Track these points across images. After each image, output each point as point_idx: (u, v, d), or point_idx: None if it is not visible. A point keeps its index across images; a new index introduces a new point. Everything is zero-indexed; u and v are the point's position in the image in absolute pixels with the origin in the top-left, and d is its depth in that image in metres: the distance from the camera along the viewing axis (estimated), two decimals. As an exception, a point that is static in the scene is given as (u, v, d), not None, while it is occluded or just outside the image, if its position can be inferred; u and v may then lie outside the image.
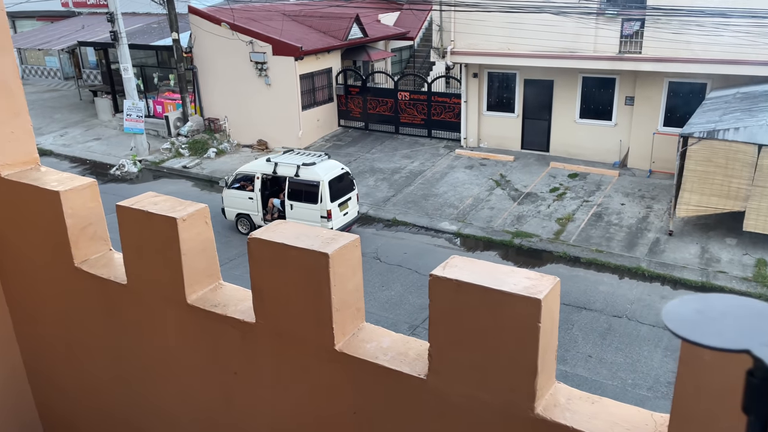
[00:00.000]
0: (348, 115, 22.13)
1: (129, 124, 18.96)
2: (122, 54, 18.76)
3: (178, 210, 2.08)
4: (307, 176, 13.56)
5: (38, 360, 2.81)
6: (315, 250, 1.75)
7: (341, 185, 14.02)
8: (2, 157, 2.47)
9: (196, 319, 2.11)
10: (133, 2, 23.91)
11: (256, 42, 19.66)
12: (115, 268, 2.37)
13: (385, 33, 23.85)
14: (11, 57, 2.46)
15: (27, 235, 2.52)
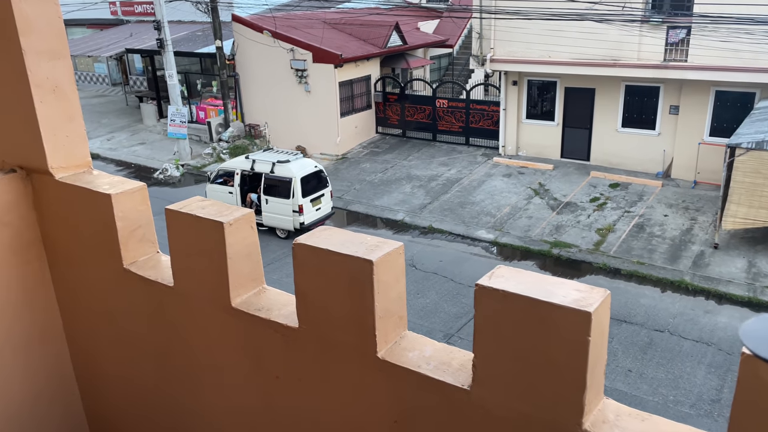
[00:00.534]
0: (386, 122, 22.22)
1: (172, 130, 19.44)
2: (167, 61, 19.26)
3: (224, 215, 2.12)
4: (281, 173, 14.33)
5: (86, 360, 2.88)
6: (359, 257, 1.76)
7: (315, 182, 14.76)
8: (57, 161, 2.55)
9: (240, 322, 2.14)
10: (179, 10, 24.54)
11: (297, 49, 19.94)
12: (163, 270, 2.43)
13: (425, 41, 23.89)
14: (68, 63, 2.55)
15: (78, 237, 2.60)
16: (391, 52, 22.02)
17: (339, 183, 18.66)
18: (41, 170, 2.57)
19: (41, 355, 2.83)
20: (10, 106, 2.53)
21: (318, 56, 19.76)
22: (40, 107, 2.45)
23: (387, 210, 16.91)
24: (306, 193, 14.42)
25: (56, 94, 2.50)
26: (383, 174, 19.23)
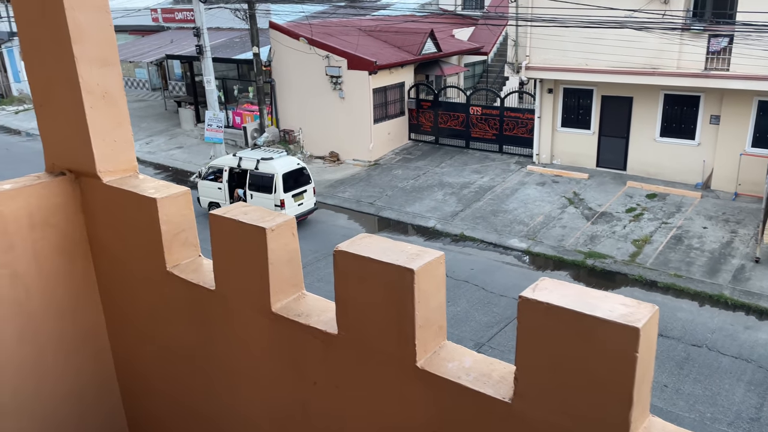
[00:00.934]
0: (419, 129, 22.22)
1: (209, 134, 19.78)
2: (206, 67, 19.64)
3: (267, 220, 2.15)
4: (265, 169, 15.06)
5: (127, 360, 2.95)
6: (400, 266, 1.76)
7: (297, 179, 15.46)
8: (104, 165, 2.63)
9: (279, 327, 2.16)
10: (218, 18, 25.01)
11: (332, 56, 20.11)
12: (204, 273, 2.47)
13: (459, 48, 23.84)
14: (117, 70, 2.62)
15: (123, 239, 2.67)
16: (426, 60, 22.03)
17: (371, 189, 18.71)
18: (89, 174, 2.64)
19: (84, 355, 2.91)
20: (62, 112, 2.61)
21: (353, 63, 19.89)
22: (91, 113, 2.53)
23: (418, 217, 16.89)
24: (288, 189, 15.08)
25: (106, 100, 2.57)
26: (415, 181, 19.22)
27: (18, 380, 2.65)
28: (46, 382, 2.76)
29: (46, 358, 2.74)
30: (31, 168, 13.79)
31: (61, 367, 2.81)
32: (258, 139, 21.60)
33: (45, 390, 2.75)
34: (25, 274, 2.61)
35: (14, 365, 2.63)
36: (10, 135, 27.42)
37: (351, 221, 17.02)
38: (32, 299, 2.66)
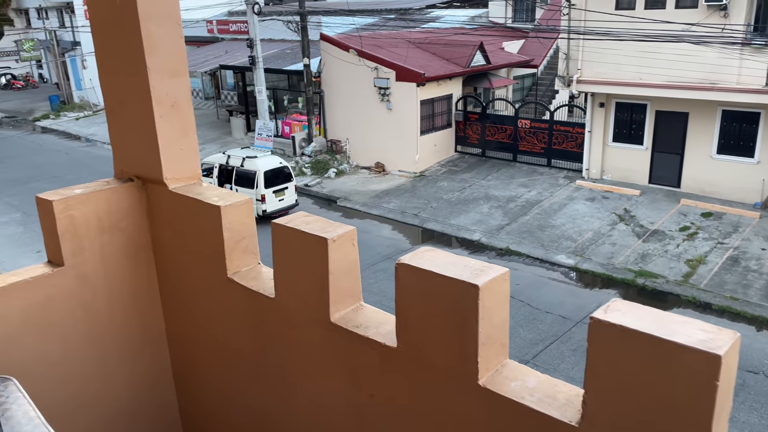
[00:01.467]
0: (465, 141, 22.11)
1: (259, 143, 20.17)
2: (258, 77, 20.06)
3: (328, 231, 2.16)
4: (249, 167, 16.35)
5: (184, 362, 3.01)
6: (465, 281, 1.74)
7: (279, 177, 16.63)
8: (171, 172, 2.70)
9: (338, 337, 2.17)
10: (271, 29, 25.55)
11: (381, 68, 20.25)
12: (264, 281, 2.50)
13: (509, 61, 23.67)
14: (186, 80, 2.70)
15: (186, 245, 2.73)
16: (474, 72, 21.95)
17: (416, 200, 18.69)
18: (156, 180, 2.72)
19: (144, 355, 2.99)
20: (133, 120, 2.71)
21: (401, 75, 19.98)
22: (160, 122, 2.61)
23: (463, 229, 16.76)
24: (269, 185, 16.24)
25: (174, 109, 2.65)
26: (461, 193, 19.11)
27: (85, 378, 2.73)
28: (110, 380, 2.84)
29: (110, 357, 2.82)
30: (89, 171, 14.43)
31: (121, 367, 2.89)
32: (305, 149, 21.91)
33: (109, 387, 2.83)
34: (93, 276, 2.71)
35: (81, 364, 2.72)
36: (71, 140, 28.60)
37: (395, 232, 17.02)
38: (98, 300, 2.75)
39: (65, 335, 2.66)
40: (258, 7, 19.53)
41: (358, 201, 19.01)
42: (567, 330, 11.87)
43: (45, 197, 2.57)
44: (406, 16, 27.64)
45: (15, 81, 41.65)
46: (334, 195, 19.53)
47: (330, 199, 19.37)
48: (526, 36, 25.71)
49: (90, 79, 32.98)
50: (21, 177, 22.08)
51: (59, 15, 37.77)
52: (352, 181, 20.73)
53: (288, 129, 23.32)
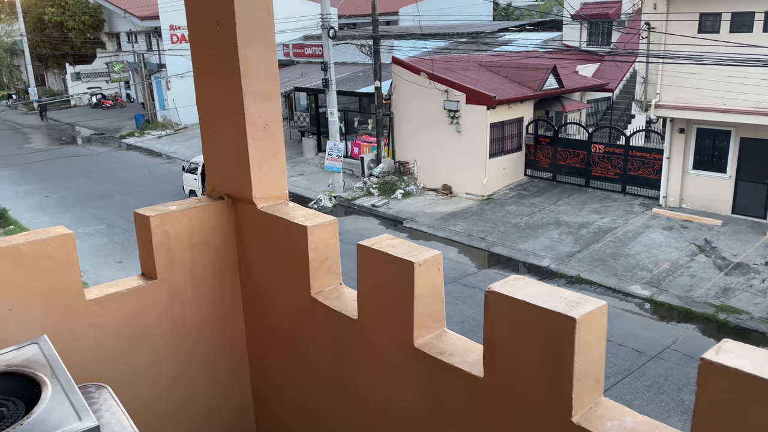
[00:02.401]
0: (535, 165, 21.74)
1: (329, 163, 20.57)
2: (330, 99, 20.53)
3: (414, 254, 2.16)
4: None
5: (264, 380, 3.06)
6: (560, 313, 1.69)
7: None
8: (260, 191, 2.78)
9: (421, 363, 2.15)
10: (344, 53, 26.15)
11: (451, 91, 20.30)
12: (346, 302, 2.52)
13: (582, 84, 23.21)
14: (277, 103, 2.79)
15: (271, 263, 2.79)
16: (546, 95, 21.63)
17: (483, 224, 18.47)
18: (246, 199, 2.81)
19: (225, 368, 3.06)
20: (226, 141, 2.81)
21: (471, 97, 19.94)
22: (252, 143, 2.70)
23: (531, 255, 16.40)
24: None
25: (266, 131, 2.74)
26: (529, 218, 18.74)
27: (170, 387, 2.83)
28: (192, 391, 2.92)
29: (194, 369, 2.91)
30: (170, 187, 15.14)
31: (205, 378, 2.97)
32: (374, 170, 22.15)
33: (191, 397, 2.92)
34: (182, 290, 2.81)
35: (167, 373, 2.81)
36: (153, 157, 30.12)
37: (461, 255, 16.86)
38: (185, 314, 2.84)
39: (154, 345, 2.77)
40: (333, 32, 20.06)
41: (424, 223, 18.98)
42: (641, 365, 11.34)
43: (142, 213, 2.70)
44: (477, 40, 27.65)
45: (105, 100, 44.41)
46: (400, 216, 19.59)
47: (396, 220, 19.44)
48: (602, 59, 25.15)
49: (173, 99, 34.74)
50: (106, 191, 23.39)
51: (147, 39, 40.13)
52: (418, 202, 20.76)
53: (357, 150, 23.67)
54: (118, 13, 41.30)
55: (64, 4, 45.20)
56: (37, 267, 2.33)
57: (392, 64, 21.80)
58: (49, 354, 2.01)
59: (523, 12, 44.90)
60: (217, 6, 2.59)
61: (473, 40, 27.67)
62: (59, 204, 21.91)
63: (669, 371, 11.11)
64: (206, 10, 2.68)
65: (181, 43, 34.20)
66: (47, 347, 2.03)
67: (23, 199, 22.57)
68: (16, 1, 44.41)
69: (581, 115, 23.74)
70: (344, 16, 37.17)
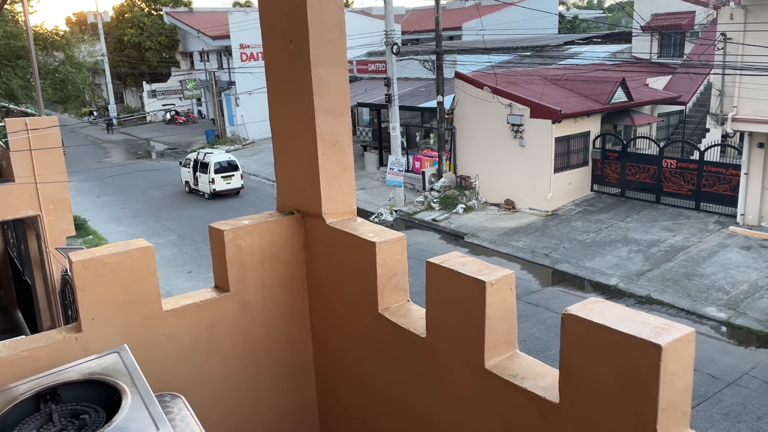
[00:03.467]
0: (602, 180, 21.10)
1: (390, 177, 20.67)
2: (392, 114, 20.68)
3: (485, 273, 2.11)
4: (206, 159, 24.12)
5: (329, 393, 3.07)
6: (644, 339, 1.61)
7: (228, 167, 23.93)
8: (329, 207, 2.81)
9: (491, 386, 2.09)
10: (407, 68, 26.33)
11: (515, 105, 20.05)
12: (414, 319, 2.49)
13: (653, 97, 22.43)
14: (348, 120, 2.82)
15: (339, 278, 2.81)
16: (614, 109, 21.02)
17: (547, 240, 18.04)
18: (315, 214, 2.84)
19: (291, 381, 3.09)
20: (297, 157, 2.86)
21: (536, 111, 19.62)
22: (322, 159, 2.73)
23: (598, 273, 15.87)
24: (218, 172, 23.53)
25: (336, 147, 2.77)
26: (596, 234, 18.17)
27: (239, 398, 2.88)
28: (260, 402, 2.96)
29: (262, 380, 2.95)
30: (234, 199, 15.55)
31: (272, 390, 3.01)
32: (435, 184, 22.08)
33: (259, 408, 2.96)
34: (253, 303, 2.86)
35: (237, 384, 2.86)
36: (221, 170, 31.14)
37: (524, 272, 16.51)
38: (255, 326, 2.89)
39: (225, 357, 2.82)
40: (396, 48, 20.24)
41: (486, 238, 18.73)
42: (717, 391, 10.72)
43: (217, 227, 2.77)
44: (542, 53, 27.24)
45: (178, 116, 46.44)
46: (461, 231, 19.41)
47: (457, 235, 19.28)
48: (674, 72, 24.24)
49: (242, 115, 35.92)
50: (178, 203, 24.35)
51: (218, 57, 41.74)
52: (480, 217, 20.52)
53: (419, 164, 23.69)
54: (192, 33, 43.21)
55: (142, 26, 47.71)
56: (119, 278, 2.43)
57: (455, 78, 21.76)
58: (128, 363, 2.09)
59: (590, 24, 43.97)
60: (292, 25, 2.65)
61: (538, 54, 27.27)
62: (134, 215, 22.96)
63: (747, 399, 10.46)
64: (280, 30, 2.75)
65: (250, 61, 35.40)
66: (127, 356, 2.10)
67: (101, 210, 23.79)
68: (98, 24, 47.22)
69: (652, 129, 22.91)
70: (408, 32, 37.47)
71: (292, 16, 2.63)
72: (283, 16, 2.71)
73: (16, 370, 2.21)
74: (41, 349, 2.29)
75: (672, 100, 22.83)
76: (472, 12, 33.45)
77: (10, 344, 2.29)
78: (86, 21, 51.95)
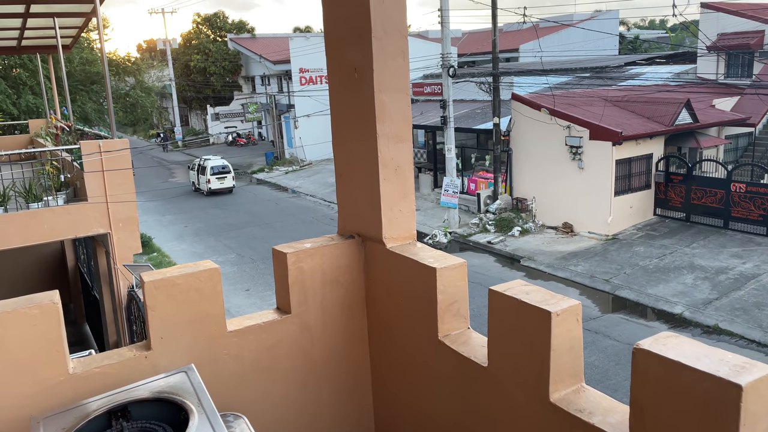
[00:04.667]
0: (666, 204, 20.38)
1: (445, 199, 20.60)
2: (448, 136, 20.68)
3: (550, 303, 2.07)
4: (205, 164, 30.01)
5: (387, 419, 3.05)
6: (723, 378, 1.53)
7: (222, 170, 29.86)
8: (390, 231, 2.82)
9: (557, 420, 2.03)
10: (463, 90, 26.36)
11: (574, 126, 19.70)
12: (474, 347, 2.46)
13: (720, 119, 21.61)
14: (409, 146, 2.84)
15: (398, 303, 2.81)
16: (679, 131, 20.34)
17: (607, 265, 17.51)
18: (375, 239, 2.86)
19: (349, 404, 3.09)
20: (359, 182, 2.90)
21: (595, 133, 19.22)
22: (384, 184, 2.76)
23: (662, 300, 15.24)
24: (214, 174, 29.59)
25: (397, 173, 2.79)
26: (659, 260, 17.50)
27: (297, 419, 2.90)
28: (318, 424, 2.97)
29: (320, 402, 2.97)
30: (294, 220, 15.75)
31: (330, 412, 3.02)
32: (490, 206, 21.86)
33: (317, 430, 2.97)
34: (313, 326, 2.89)
35: (296, 405, 2.89)
36: (280, 191, 31.85)
37: (583, 297, 16.04)
38: (315, 348, 2.92)
39: (286, 378, 2.86)
40: (452, 71, 20.31)
41: (543, 262, 18.33)
42: (796, 432, 10.03)
43: (280, 249, 2.83)
44: (602, 74, 26.74)
45: (239, 138, 47.94)
46: (517, 254, 19.08)
47: (513, 258, 18.96)
48: (742, 92, 23.30)
49: (300, 137, 36.73)
50: (238, 222, 25.00)
51: (279, 81, 42.96)
52: (536, 240, 20.13)
53: (473, 186, 23.53)
54: (254, 58, 44.70)
55: (208, 52, 49.74)
56: (187, 298, 2.51)
57: (511, 100, 21.61)
58: (195, 382, 2.14)
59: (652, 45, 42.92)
60: (357, 53, 2.70)
61: (597, 75, 26.79)
62: (196, 234, 23.70)
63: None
64: (346, 58, 2.81)
65: (309, 85, 36.24)
66: (194, 376, 2.16)
67: (166, 228, 24.69)
68: (167, 50, 49.54)
69: (718, 152, 22.03)
70: (464, 55, 37.58)
71: (356, 46, 2.69)
72: (347, 46, 2.77)
73: (90, 386, 2.30)
74: (113, 366, 2.39)
75: (740, 121, 21.91)
76: (530, 34, 33.27)
77: (84, 360, 2.40)
78: (156, 48, 54.60)
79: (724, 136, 22.44)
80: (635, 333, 13.67)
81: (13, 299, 2.24)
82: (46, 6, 10.85)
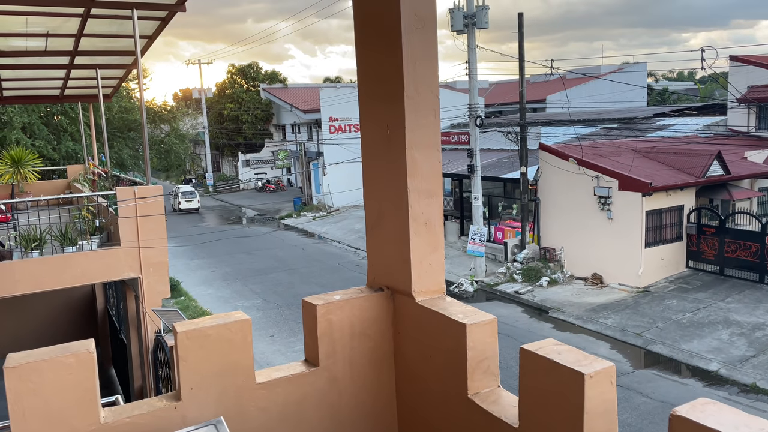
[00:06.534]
0: (699, 257, 19.94)
1: (472, 247, 20.49)
2: (475, 184, 20.74)
3: (583, 364, 2.04)
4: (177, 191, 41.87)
5: (414, 476, 2.98)
6: (766, 450, 1.48)
7: (189, 194, 41.08)
8: (419, 285, 2.83)
9: (591, 486, 1.97)
10: (490, 140, 26.55)
11: (602, 177, 19.61)
12: (505, 407, 2.42)
13: (753, 171, 21.31)
14: (439, 201, 2.87)
15: (427, 358, 2.78)
16: (710, 182, 20.08)
17: (638, 318, 17.07)
18: (404, 292, 2.86)
19: (375, 462, 3.03)
20: (389, 235, 2.93)
21: (624, 184, 19.08)
22: (414, 238, 2.78)
23: (696, 357, 14.73)
24: (183, 197, 40.46)
25: (427, 227, 2.82)
26: (693, 315, 17.01)
27: (323, 478, 2.85)
28: (342, 485, 2.92)
29: (345, 462, 2.92)
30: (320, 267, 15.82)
31: (355, 472, 2.96)
32: (517, 255, 21.65)
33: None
34: (341, 379, 2.88)
35: (322, 462, 2.85)
36: (306, 237, 32.11)
37: (613, 352, 15.61)
38: (342, 402, 2.90)
39: (312, 431, 2.83)
40: (480, 120, 20.53)
41: (572, 313, 17.97)
42: None
43: (310, 301, 2.85)
44: (630, 125, 26.73)
45: (268, 184, 48.79)
46: (545, 305, 18.75)
47: (541, 309, 18.62)
48: (775, 144, 23.00)
49: (327, 184, 37.21)
50: (264, 267, 25.18)
51: (308, 129, 43.90)
52: (565, 291, 19.79)
53: (501, 235, 23.40)
54: (285, 107, 45.87)
55: (241, 101, 51.26)
56: (218, 349, 2.53)
57: (539, 150, 21.67)
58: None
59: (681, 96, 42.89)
60: (389, 111, 2.78)
61: (625, 126, 26.78)
62: (223, 278, 23.90)
63: None
64: (378, 114, 2.88)
65: (338, 133, 36.93)
66: (223, 430, 2.16)
67: (193, 272, 24.96)
68: (202, 99, 51.19)
69: (752, 204, 21.62)
70: (491, 105, 38.02)
71: (389, 103, 2.76)
72: (381, 103, 2.85)
73: (120, 436, 2.31)
74: (143, 417, 2.40)
75: (774, 173, 21.55)
76: (557, 85, 33.57)
77: (116, 410, 2.42)
78: (191, 96, 56.50)
79: (758, 189, 22.05)
80: (669, 390, 13.20)
81: (50, 347, 2.29)
82: (90, 58, 11.39)
